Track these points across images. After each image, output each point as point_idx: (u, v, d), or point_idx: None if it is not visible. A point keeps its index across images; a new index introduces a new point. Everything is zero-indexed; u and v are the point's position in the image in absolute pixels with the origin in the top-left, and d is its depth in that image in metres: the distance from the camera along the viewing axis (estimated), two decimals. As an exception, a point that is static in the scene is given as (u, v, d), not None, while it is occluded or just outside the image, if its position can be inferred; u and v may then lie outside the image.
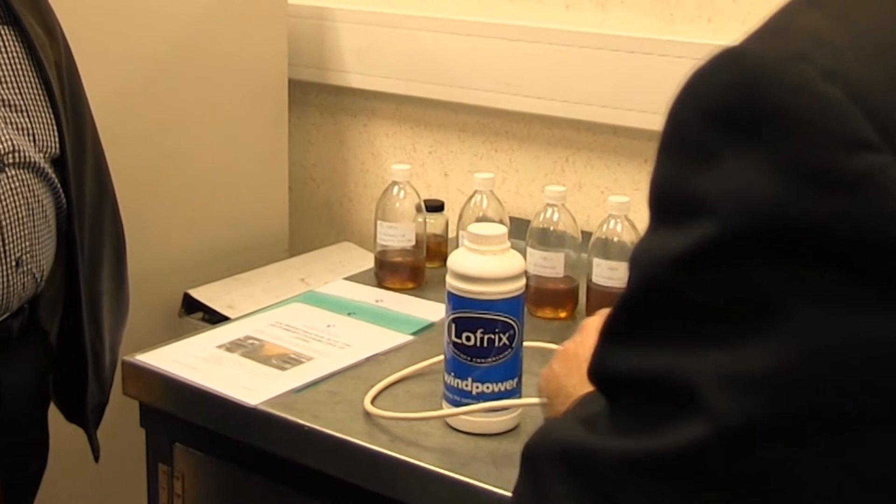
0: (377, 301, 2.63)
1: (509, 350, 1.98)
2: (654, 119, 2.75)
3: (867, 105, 0.72)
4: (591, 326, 1.42)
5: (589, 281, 2.50)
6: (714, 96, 0.79)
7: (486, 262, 2.05)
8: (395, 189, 2.76)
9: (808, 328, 0.75)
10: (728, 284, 0.77)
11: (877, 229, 0.72)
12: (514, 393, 2.01)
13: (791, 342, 0.75)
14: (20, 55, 2.04)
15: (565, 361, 1.42)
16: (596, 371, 0.91)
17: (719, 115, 0.78)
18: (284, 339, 2.40)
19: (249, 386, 2.20)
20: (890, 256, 0.72)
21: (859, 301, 0.74)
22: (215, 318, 2.81)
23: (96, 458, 2.28)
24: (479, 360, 1.97)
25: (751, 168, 0.75)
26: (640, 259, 0.85)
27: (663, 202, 0.83)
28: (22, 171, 1.98)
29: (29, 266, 2.00)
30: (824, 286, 0.74)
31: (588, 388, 1.26)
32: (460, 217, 2.77)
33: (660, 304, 0.81)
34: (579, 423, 0.94)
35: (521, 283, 2.06)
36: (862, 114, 0.72)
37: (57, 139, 2.07)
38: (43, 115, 2.05)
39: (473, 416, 1.99)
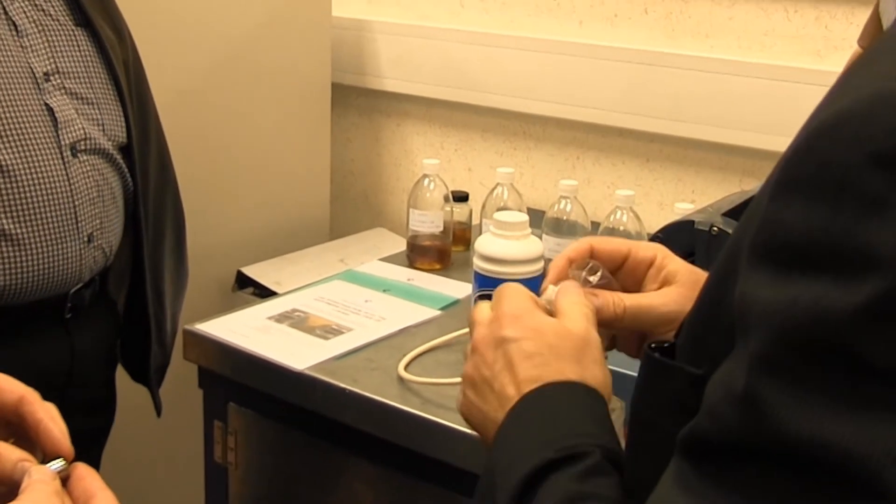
0: (409, 279, 2.62)
1: (528, 324, 1.96)
2: (656, 123, 2.76)
3: None
4: (482, 345, 1.28)
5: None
6: (885, 139, 0.67)
7: (509, 246, 2.05)
8: (426, 181, 2.74)
9: None
10: None
11: None
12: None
13: None
14: (92, 54, 2.03)
15: (474, 387, 1.25)
16: (744, 433, 0.75)
17: (893, 160, 0.67)
18: (326, 312, 2.39)
19: (295, 353, 2.20)
20: None
21: None
22: (265, 293, 2.81)
23: (158, 414, 2.28)
24: (500, 333, 1.95)
25: None
26: (790, 312, 0.71)
27: (809, 250, 0.71)
28: (93, 156, 1.98)
29: (99, 242, 1.99)
30: None
31: (505, 407, 1.16)
32: (483, 207, 2.76)
33: (830, 367, 0.69)
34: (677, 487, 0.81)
35: (540, 265, 2.06)
36: None
37: (124, 129, 2.06)
38: (112, 107, 2.04)
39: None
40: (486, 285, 2.04)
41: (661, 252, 1.32)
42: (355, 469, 2.18)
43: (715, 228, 1.96)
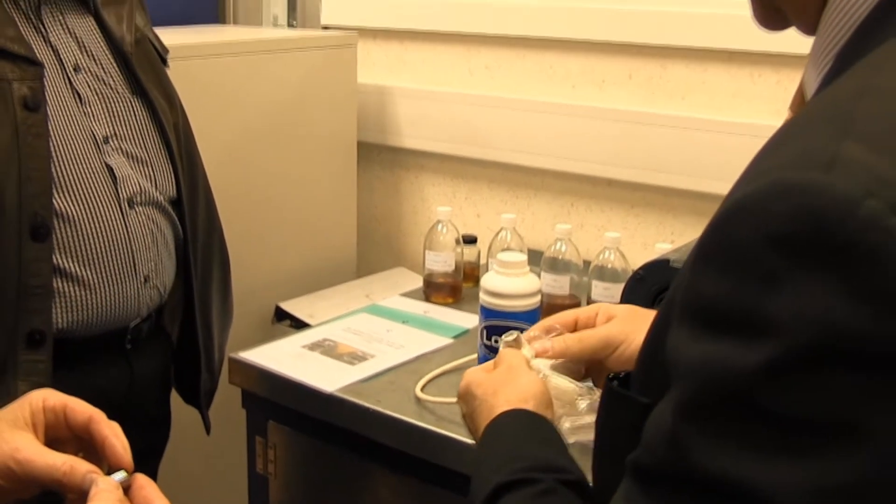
0: (425, 312, 2.62)
1: (528, 350, 1.98)
2: (640, 174, 2.77)
3: None
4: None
5: (588, 298, 2.49)
6: (779, 224, 0.69)
7: (510, 283, 2.06)
8: (440, 226, 2.75)
9: (890, 440, 0.67)
10: (805, 398, 0.68)
11: None
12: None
13: (873, 455, 0.67)
14: (146, 119, 2.03)
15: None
16: (670, 463, 0.77)
17: (786, 241, 0.69)
18: (353, 341, 2.40)
19: (326, 377, 2.20)
20: None
21: None
22: (300, 325, 2.80)
23: (208, 432, 2.27)
24: (504, 358, 1.96)
25: (824, 293, 0.67)
26: (704, 368, 0.73)
27: (718, 315, 0.73)
28: (147, 208, 1.98)
29: (154, 282, 2.00)
30: None
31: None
32: (489, 248, 2.76)
33: (736, 415, 0.71)
34: None
35: (537, 298, 2.07)
36: None
37: (174, 184, 2.06)
38: (163, 165, 2.04)
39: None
40: (492, 317, 2.06)
41: (602, 307, 1.44)
42: (379, 477, 2.18)
43: (688, 266, 1.97)
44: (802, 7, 0.90)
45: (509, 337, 1.41)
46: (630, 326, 1.37)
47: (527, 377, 1.31)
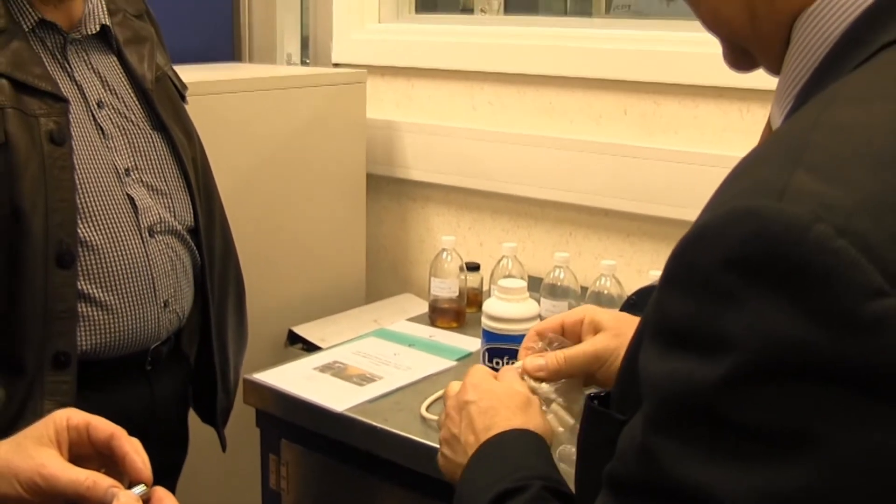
0: (430, 336, 2.62)
1: (528, 372, 1.98)
2: (635, 204, 2.78)
3: (876, 258, 0.68)
4: (452, 411, 1.35)
5: (586, 322, 2.49)
6: (735, 247, 0.71)
7: (511, 308, 2.06)
8: (444, 254, 2.76)
9: (838, 448, 0.68)
10: (761, 409, 0.70)
11: (893, 360, 0.67)
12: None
13: (822, 462, 0.69)
14: (165, 153, 2.04)
15: (449, 445, 1.35)
16: (643, 472, 0.79)
17: (741, 264, 0.71)
18: (362, 363, 2.40)
19: (336, 397, 2.20)
20: None
21: (881, 421, 0.68)
22: (311, 348, 2.81)
23: (224, 449, 2.28)
24: (505, 379, 1.96)
25: (776, 311, 0.69)
26: (663, 383, 0.76)
27: (682, 334, 0.75)
28: (167, 236, 1.99)
29: (174, 307, 2.01)
30: (850, 409, 0.68)
31: (468, 454, 1.28)
32: (491, 275, 2.77)
33: (700, 426, 0.73)
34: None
35: (536, 322, 2.06)
36: (873, 265, 0.67)
37: (192, 214, 2.07)
38: (182, 196, 2.06)
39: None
40: (493, 340, 2.06)
41: (588, 311, 1.47)
42: (386, 492, 2.18)
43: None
44: (767, 49, 0.93)
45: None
46: (616, 340, 1.39)
47: (534, 406, 1.35)
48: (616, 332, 1.41)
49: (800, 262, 0.69)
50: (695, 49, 2.68)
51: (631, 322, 1.41)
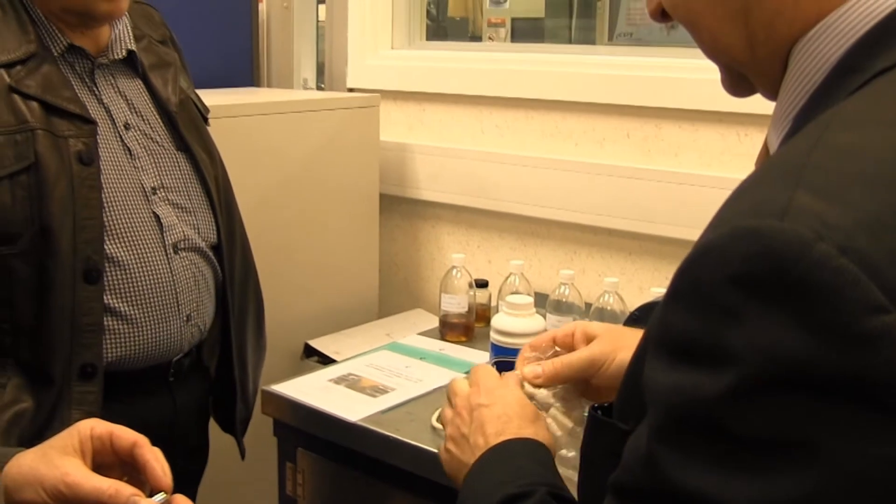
0: (440, 349, 2.62)
1: (535, 384, 1.97)
2: (637, 224, 2.77)
3: (876, 275, 0.68)
4: (463, 410, 1.36)
5: (590, 337, 2.48)
6: (738, 264, 0.71)
7: (518, 323, 2.06)
8: (454, 271, 2.76)
9: (837, 460, 0.68)
10: (763, 421, 0.70)
11: (891, 374, 0.67)
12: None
13: (821, 473, 0.69)
14: (189, 173, 2.04)
15: (456, 442, 1.35)
16: (651, 480, 0.79)
17: (744, 280, 0.71)
18: (375, 375, 2.40)
19: (350, 408, 2.20)
20: None
21: (880, 431, 0.68)
22: (326, 361, 2.80)
23: (242, 457, 2.27)
24: (513, 391, 1.96)
25: (778, 327, 0.69)
26: (667, 396, 0.76)
27: (687, 348, 0.75)
28: (190, 253, 1.99)
29: (195, 321, 2.00)
30: (849, 421, 0.68)
31: (476, 455, 1.27)
32: (499, 291, 2.77)
33: (704, 436, 0.73)
34: None
35: (543, 337, 2.05)
36: (873, 283, 0.67)
37: (215, 231, 2.07)
38: (205, 214, 2.05)
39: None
40: (501, 353, 2.05)
41: (578, 324, 1.48)
42: (398, 499, 2.17)
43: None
44: (765, 75, 0.93)
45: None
46: (610, 346, 1.39)
47: (542, 420, 1.35)
48: (608, 339, 1.41)
49: (802, 279, 0.69)
50: (694, 75, 2.68)
51: (622, 332, 1.43)
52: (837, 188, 0.73)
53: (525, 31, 3.92)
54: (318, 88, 3.69)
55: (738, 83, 0.99)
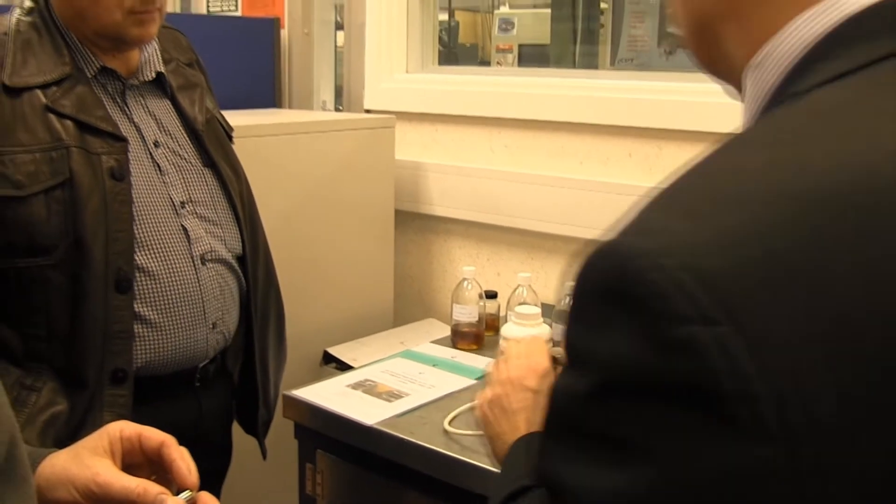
0: (452, 357, 2.61)
1: (542, 390, 1.97)
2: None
3: (713, 289, 0.68)
4: (516, 382, 1.38)
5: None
6: (598, 277, 0.74)
7: (526, 332, 2.05)
8: (465, 283, 2.75)
9: (664, 458, 0.69)
10: (611, 421, 0.72)
11: (713, 381, 0.67)
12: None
13: (658, 469, 0.70)
14: (216, 188, 2.05)
15: (499, 409, 1.37)
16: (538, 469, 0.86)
17: (600, 291, 0.73)
18: (390, 381, 2.39)
19: (367, 412, 2.20)
20: (724, 400, 0.67)
21: (712, 437, 0.68)
22: (344, 367, 2.80)
23: (264, 458, 2.27)
24: (521, 397, 1.95)
25: (619, 334, 0.71)
26: (556, 393, 0.80)
27: (570, 353, 0.78)
28: (216, 264, 1.99)
29: (221, 328, 2.00)
30: (680, 426, 0.69)
31: (515, 435, 1.29)
32: (508, 302, 2.76)
33: (572, 431, 0.76)
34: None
35: (549, 345, 2.05)
36: (709, 296, 0.68)
37: (240, 244, 2.07)
38: (230, 227, 2.05)
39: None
40: (510, 361, 2.04)
41: None
42: (411, 499, 2.16)
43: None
44: (739, 94, 0.93)
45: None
46: None
47: None
48: None
49: (638, 290, 0.70)
50: (694, 98, 2.67)
51: None
52: (700, 206, 0.74)
53: (531, 56, 3.93)
54: (337, 110, 3.70)
55: (735, 95, 0.98)
